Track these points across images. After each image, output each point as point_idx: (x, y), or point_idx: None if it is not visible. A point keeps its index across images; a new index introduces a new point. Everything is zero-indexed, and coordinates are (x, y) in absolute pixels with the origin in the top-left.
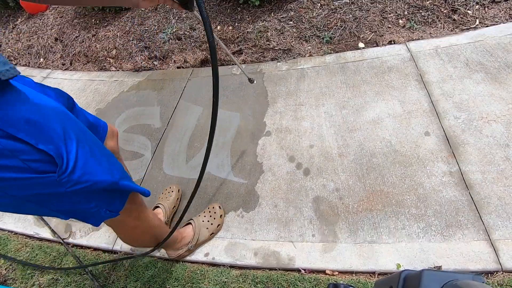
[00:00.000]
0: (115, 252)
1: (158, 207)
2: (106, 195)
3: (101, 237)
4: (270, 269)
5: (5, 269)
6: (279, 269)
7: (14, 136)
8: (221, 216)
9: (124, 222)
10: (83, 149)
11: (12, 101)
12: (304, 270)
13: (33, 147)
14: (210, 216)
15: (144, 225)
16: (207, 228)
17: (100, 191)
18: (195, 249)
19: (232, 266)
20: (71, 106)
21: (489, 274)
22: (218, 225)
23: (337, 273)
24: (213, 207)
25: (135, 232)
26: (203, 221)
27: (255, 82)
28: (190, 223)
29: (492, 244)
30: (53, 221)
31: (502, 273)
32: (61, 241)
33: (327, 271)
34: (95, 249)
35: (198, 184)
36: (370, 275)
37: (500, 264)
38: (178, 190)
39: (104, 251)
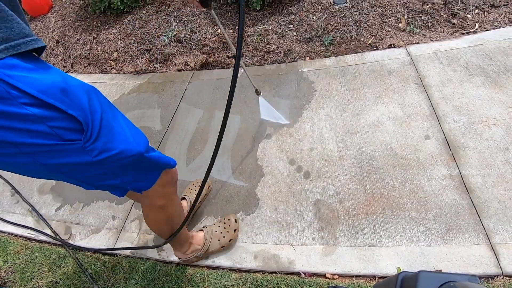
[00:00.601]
0: (115, 254)
1: (184, 198)
2: (133, 170)
3: (101, 240)
4: (270, 272)
5: (5, 271)
6: (279, 273)
7: (43, 102)
8: (235, 230)
9: (152, 200)
10: (107, 119)
11: (43, 69)
12: (304, 273)
13: (62, 113)
14: (224, 228)
15: (170, 210)
16: (218, 240)
17: (127, 166)
18: (204, 257)
19: (232, 269)
20: None
21: (490, 278)
22: (230, 240)
23: (337, 276)
24: (229, 219)
25: (160, 214)
26: (216, 231)
27: (261, 94)
28: (202, 230)
29: (492, 248)
30: (53, 223)
31: (503, 278)
32: (62, 243)
33: (327, 275)
34: (95, 251)
35: (201, 189)
36: (370, 279)
37: (500, 268)
38: (209, 186)
39: (104, 253)
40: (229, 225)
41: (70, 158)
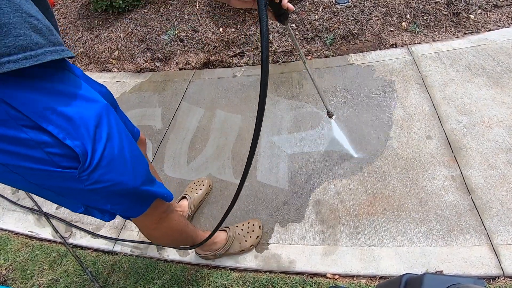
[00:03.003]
0: (115, 253)
1: (185, 198)
2: (125, 200)
3: (101, 238)
4: (271, 272)
5: (5, 269)
6: (280, 272)
7: (42, 128)
8: (257, 237)
9: (142, 223)
10: (111, 149)
11: (52, 89)
12: (305, 273)
13: (59, 141)
14: (247, 232)
15: (165, 229)
16: (239, 243)
17: (119, 194)
18: (222, 256)
19: (233, 269)
20: (114, 105)
21: (491, 280)
22: (251, 245)
23: (338, 276)
24: (253, 224)
25: (153, 232)
26: (238, 233)
27: (334, 117)
28: (225, 230)
29: (494, 249)
30: (54, 221)
31: (504, 279)
32: (62, 241)
33: (328, 275)
34: (95, 250)
35: (239, 192)
36: (371, 279)
37: (502, 269)
38: (210, 185)
39: (104, 252)
40: (253, 230)
41: (63, 183)
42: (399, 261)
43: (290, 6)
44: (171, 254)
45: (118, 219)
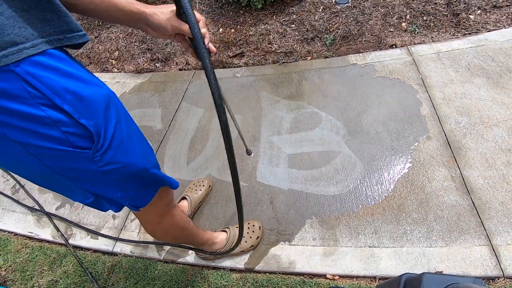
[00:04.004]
0: (115, 254)
1: (184, 198)
2: (134, 184)
3: (101, 239)
4: (271, 272)
5: (5, 270)
6: (279, 273)
7: (58, 107)
8: (257, 238)
9: (145, 216)
10: (120, 132)
11: (65, 71)
12: (305, 274)
13: (74, 121)
14: (247, 233)
15: (167, 224)
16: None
17: (129, 178)
18: (222, 257)
19: (232, 270)
20: None
21: (491, 280)
22: (251, 246)
23: (337, 277)
24: (253, 225)
25: (156, 227)
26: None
27: (252, 155)
28: (225, 231)
29: (493, 250)
30: (54, 221)
31: (504, 279)
32: (64, 240)
33: (328, 275)
34: (95, 250)
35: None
36: (371, 280)
37: (501, 270)
38: (209, 186)
39: (104, 253)
40: (253, 231)
41: (77, 164)
42: (399, 262)
43: (212, 47)
44: (171, 255)
45: (118, 219)
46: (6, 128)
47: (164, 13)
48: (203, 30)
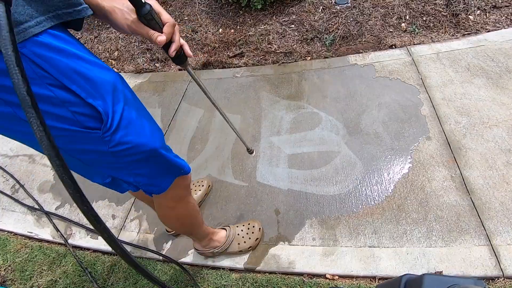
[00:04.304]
0: (114, 254)
1: None
2: (147, 171)
3: (101, 239)
4: (270, 272)
5: (4, 269)
6: (279, 273)
7: (66, 87)
8: (256, 239)
9: (162, 200)
10: (129, 112)
11: (71, 52)
12: (304, 274)
13: (82, 100)
14: (247, 233)
15: (181, 211)
16: (238, 244)
17: (141, 161)
18: (220, 255)
19: (232, 270)
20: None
21: (490, 280)
22: (250, 247)
23: (337, 277)
24: (253, 226)
25: (170, 212)
26: (238, 234)
27: (254, 153)
28: (225, 229)
29: (493, 250)
30: (54, 221)
31: (504, 279)
32: (63, 240)
33: (328, 275)
34: (95, 250)
35: None
36: (370, 280)
37: (501, 270)
38: (209, 186)
39: (104, 252)
40: (252, 232)
41: (88, 145)
42: (399, 262)
43: (188, 52)
44: (171, 255)
45: (117, 219)
46: (16, 108)
47: (122, 11)
48: (176, 37)
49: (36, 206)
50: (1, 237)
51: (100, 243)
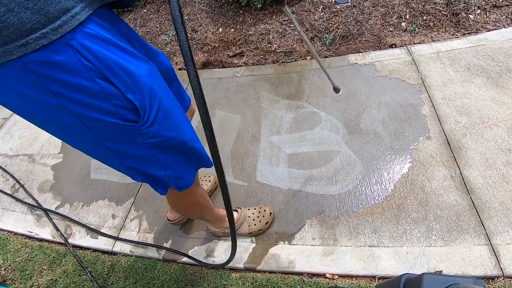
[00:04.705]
0: (114, 253)
1: None
2: (177, 163)
3: (101, 238)
4: (270, 272)
5: (4, 269)
6: (279, 272)
7: (109, 80)
8: (267, 223)
9: (173, 190)
10: (164, 106)
11: (113, 42)
12: (304, 273)
13: (122, 94)
14: (258, 216)
15: (191, 200)
16: (249, 226)
17: (172, 153)
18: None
19: (232, 269)
20: (170, 74)
21: (490, 280)
22: (260, 229)
23: (337, 277)
24: (265, 210)
25: (180, 201)
26: (249, 216)
27: (340, 92)
28: (236, 211)
29: (493, 249)
30: (54, 222)
31: (503, 279)
32: (63, 239)
33: (327, 275)
34: (95, 250)
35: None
36: (370, 279)
37: (501, 269)
38: (215, 182)
39: (104, 252)
40: (263, 216)
41: (125, 137)
42: (399, 261)
43: None
44: (171, 254)
45: (117, 219)
46: (64, 100)
47: None
48: None
49: (35, 204)
50: (1, 237)
51: (100, 243)
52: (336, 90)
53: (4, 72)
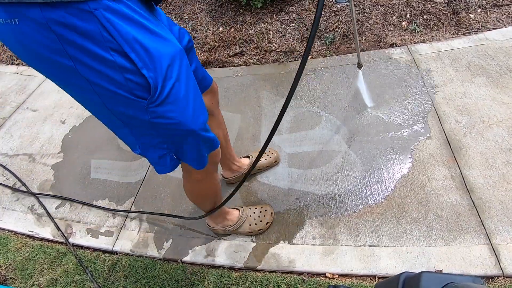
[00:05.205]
0: (115, 252)
1: (248, 157)
2: (184, 146)
3: (101, 238)
4: (270, 271)
5: (5, 268)
6: (279, 272)
7: (126, 54)
8: (267, 223)
9: (190, 172)
10: (178, 90)
11: (137, 21)
12: (304, 273)
13: (137, 69)
14: (259, 216)
15: (206, 185)
16: (249, 225)
17: (177, 136)
18: (230, 234)
19: (232, 268)
20: (189, 49)
21: (490, 279)
22: (260, 229)
23: (337, 276)
24: (266, 210)
25: (195, 185)
26: (250, 215)
27: (362, 68)
28: (238, 210)
29: (493, 249)
30: (55, 221)
31: (503, 278)
32: (64, 239)
33: (328, 274)
34: (95, 249)
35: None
36: (370, 279)
37: (501, 269)
38: (276, 161)
39: (104, 251)
40: (264, 216)
41: (132, 111)
42: (399, 261)
43: None
44: (171, 254)
45: (118, 218)
46: (78, 64)
47: None
48: None
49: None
50: (1, 236)
51: (101, 242)
52: (359, 65)
53: (26, 26)
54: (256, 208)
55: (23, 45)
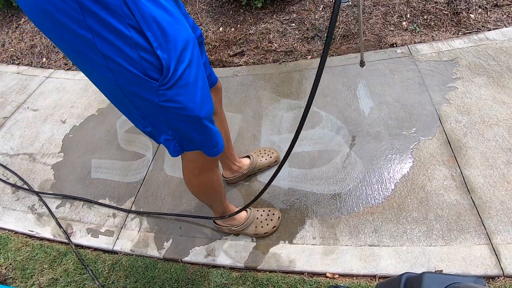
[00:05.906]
0: (115, 252)
1: (248, 157)
2: (188, 131)
3: (101, 237)
4: (270, 271)
5: (5, 268)
6: (279, 272)
7: (143, 32)
8: (274, 227)
9: (189, 165)
10: (189, 75)
11: (159, 2)
12: (305, 272)
13: (152, 49)
14: (266, 219)
15: (205, 179)
16: (255, 227)
17: (183, 122)
18: (235, 233)
19: (232, 268)
20: (200, 43)
21: (491, 279)
22: (266, 233)
23: (337, 276)
24: (274, 214)
25: (194, 179)
26: (257, 218)
27: (365, 66)
28: (246, 211)
29: (493, 249)
30: (54, 221)
31: (504, 278)
32: (65, 238)
33: (328, 274)
34: (95, 249)
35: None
36: (371, 279)
37: (501, 269)
38: (276, 160)
39: (104, 251)
40: (271, 219)
41: (142, 92)
42: (399, 261)
43: None
44: (171, 254)
45: (118, 218)
46: (96, 36)
47: None
48: None
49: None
50: (2, 236)
51: (101, 242)
52: (362, 63)
53: None
54: (263, 211)
55: (43, 10)
